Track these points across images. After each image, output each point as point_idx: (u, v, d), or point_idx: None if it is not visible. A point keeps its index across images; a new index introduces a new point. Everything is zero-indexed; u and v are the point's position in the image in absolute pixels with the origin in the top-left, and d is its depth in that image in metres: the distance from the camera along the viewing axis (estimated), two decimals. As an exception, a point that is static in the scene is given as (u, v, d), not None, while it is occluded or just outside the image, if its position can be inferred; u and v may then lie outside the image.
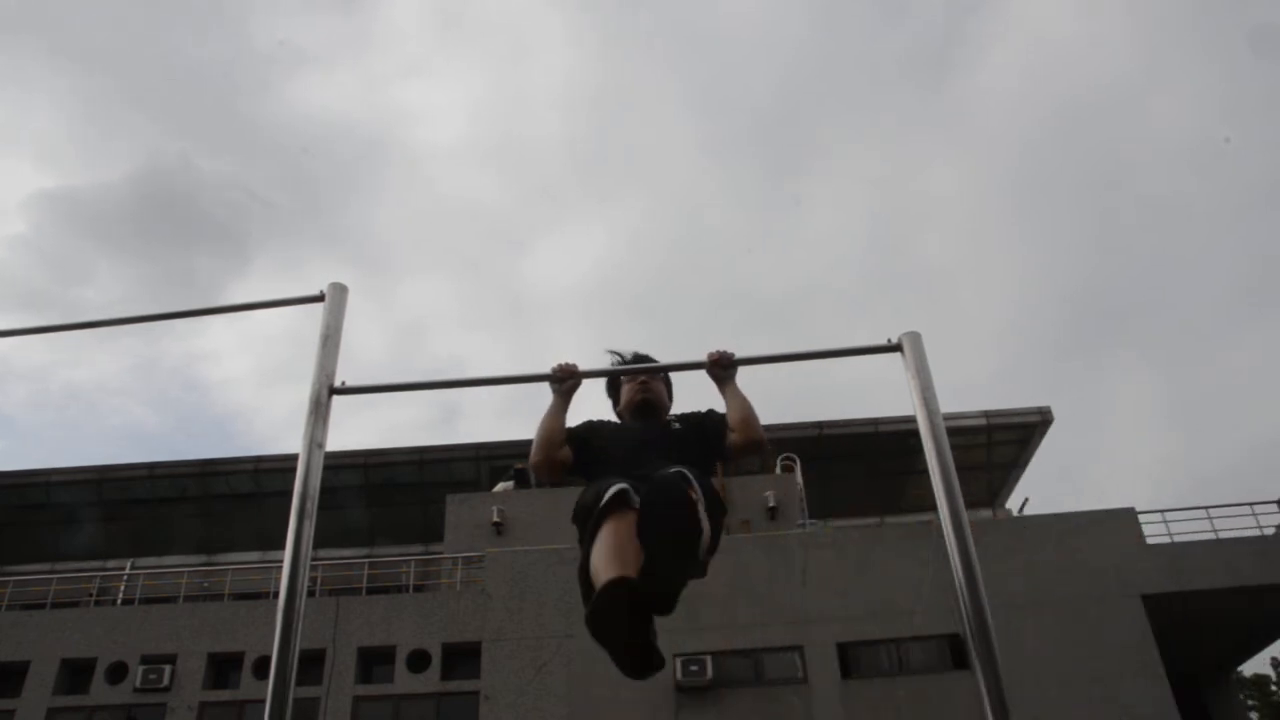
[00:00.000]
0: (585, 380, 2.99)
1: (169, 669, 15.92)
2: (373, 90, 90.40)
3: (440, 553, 18.99)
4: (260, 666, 15.62)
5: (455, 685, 15.60)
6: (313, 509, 2.52)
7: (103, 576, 20.85)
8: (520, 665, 15.55)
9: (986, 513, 24.12)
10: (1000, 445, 24.29)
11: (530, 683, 15.37)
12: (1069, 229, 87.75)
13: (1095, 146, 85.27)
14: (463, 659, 15.90)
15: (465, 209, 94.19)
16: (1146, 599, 15.32)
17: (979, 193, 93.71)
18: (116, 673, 16.17)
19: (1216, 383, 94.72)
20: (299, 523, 2.48)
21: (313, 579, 16.28)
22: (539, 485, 18.84)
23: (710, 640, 15.02)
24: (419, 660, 15.87)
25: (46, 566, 23.15)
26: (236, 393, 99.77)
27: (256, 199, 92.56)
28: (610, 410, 3.25)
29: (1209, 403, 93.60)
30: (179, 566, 21.59)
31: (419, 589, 17.85)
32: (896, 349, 2.73)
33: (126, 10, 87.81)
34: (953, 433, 2.90)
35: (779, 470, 19.95)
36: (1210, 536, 16.64)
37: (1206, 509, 17.08)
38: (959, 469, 2.49)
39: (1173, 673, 15.19)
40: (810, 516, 19.80)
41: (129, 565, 23.13)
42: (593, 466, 2.86)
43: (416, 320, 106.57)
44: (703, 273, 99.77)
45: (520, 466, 19.89)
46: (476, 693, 15.39)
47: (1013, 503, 25.54)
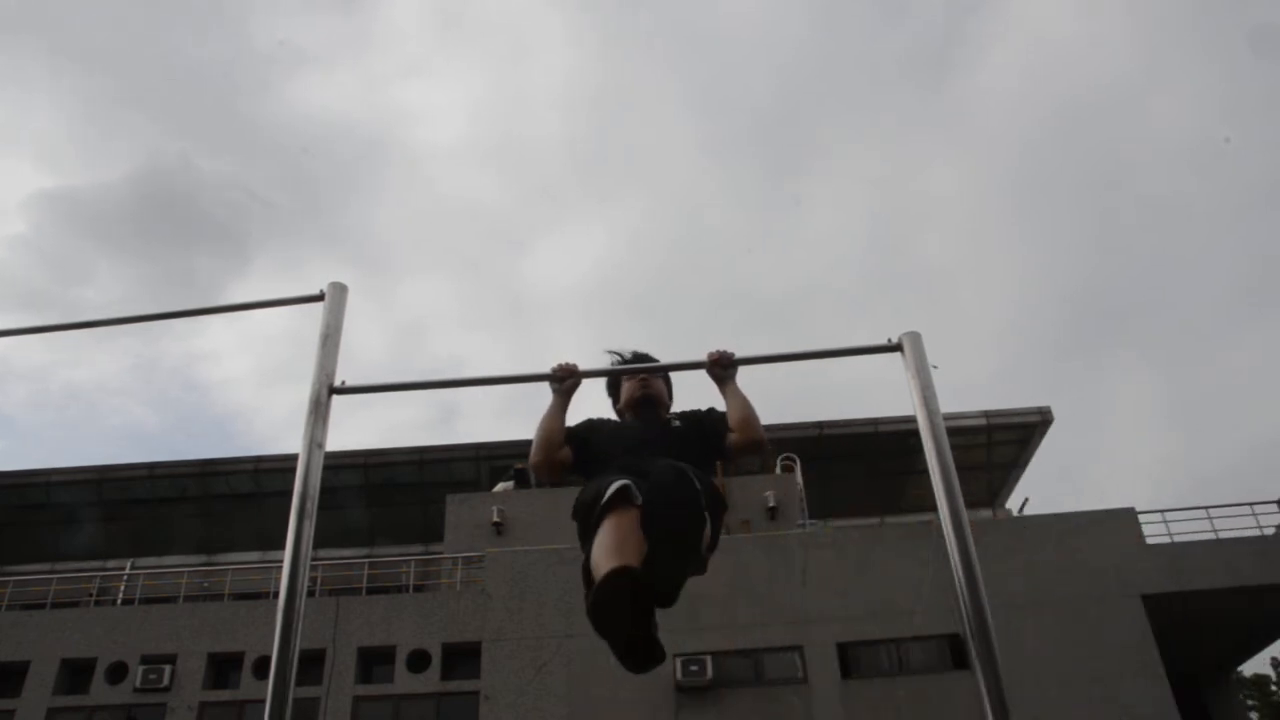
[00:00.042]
0: (585, 380, 2.99)
1: (169, 669, 15.93)
2: (373, 90, 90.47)
3: (440, 553, 18.99)
4: (260, 666, 15.62)
5: (455, 685, 15.60)
6: (313, 509, 2.52)
7: (103, 576, 20.85)
8: (520, 665, 15.55)
9: (986, 513, 24.12)
10: (1000, 445, 24.30)
11: (530, 683, 15.37)
12: (1069, 229, 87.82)
13: (1095, 146, 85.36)
14: (463, 659, 15.91)
15: (465, 209, 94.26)
16: (1146, 599, 15.33)
17: (979, 193, 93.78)
18: (116, 673, 16.18)
19: (1216, 383, 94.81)
20: (299, 523, 2.48)
21: (313, 579, 16.28)
22: (539, 485, 18.84)
23: (710, 640, 15.02)
24: (419, 660, 15.87)
25: (46, 566, 23.15)
26: (236, 393, 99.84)
27: (256, 199, 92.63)
28: (611, 409, 3.25)
29: (1209, 403, 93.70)
30: (179, 566, 21.59)
31: (419, 589, 17.85)
32: (896, 349, 2.73)
33: (126, 10, 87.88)
34: (953, 433, 2.89)
35: (779, 470, 19.95)
36: (1210, 536, 16.65)
37: (1206, 509, 17.11)
38: (959, 469, 2.49)
39: (1173, 673, 15.19)
40: (810, 516, 19.80)
41: (129, 565, 23.12)
42: (592, 465, 2.86)
43: (416, 320, 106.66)
44: (703, 273, 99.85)
45: (520, 466, 19.90)
46: (476, 693, 15.39)
47: (1013, 503, 25.55)
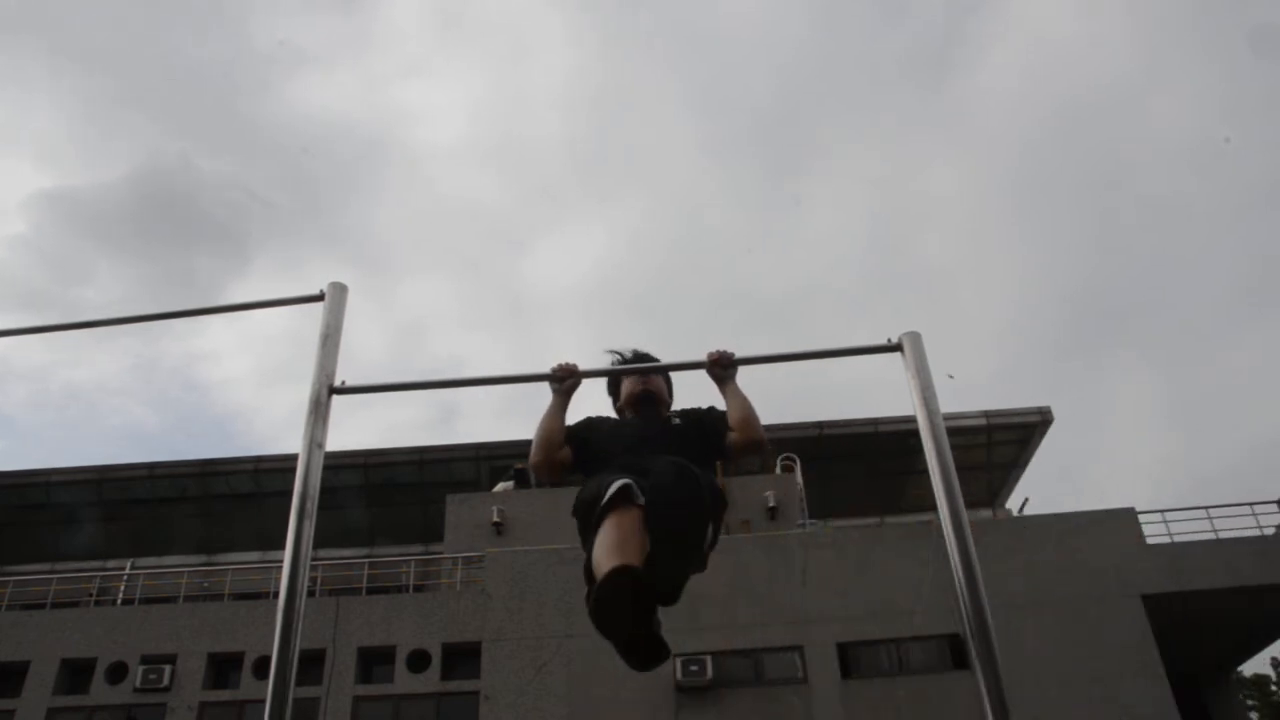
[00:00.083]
0: (585, 380, 2.99)
1: (169, 669, 15.93)
2: (373, 90, 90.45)
3: (440, 553, 18.99)
4: (260, 666, 15.62)
5: (455, 685, 15.61)
6: (313, 509, 2.52)
7: (103, 576, 20.85)
8: (520, 665, 15.55)
9: (986, 513, 24.12)
10: (1000, 445, 24.30)
11: (530, 683, 15.37)
12: (1069, 229, 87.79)
13: (1095, 146, 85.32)
14: (463, 659, 15.91)
15: (465, 209, 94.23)
16: (1146, 599, 15.33)
17: (979, 193, 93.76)
18: (116, 673, 16.18)
19: (1216, 383, 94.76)
20: (299, 523, 2.47)
21: (313, 579, 16.28)
22: (539, 485, 18.84)
23: (710, 640, 15.02)
24: (419, 660, 15.87)
25: (46, 566, 23.16)
26: (236, 393, 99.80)
27: (256, 199, 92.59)
28: (611, 408, 3.25)
29: (1209, 403, 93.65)
30: (179, 566, 21.59)
31: (419, 589, 17.85)
32: (896, 349, 2.73)
33: (126, 10, 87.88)
34: (953, 433, 2.90)
35: (779, 470, 19.95)
36: (1210, 536, 16.65)
37: (1206, 509, 17.11)
38: (959, 469, 2.49)
39: (1173, 673, 15.19)
40: (810, 516, 19.80)
41: (129, 565, 23.13)
42: (592, 464, 2.86)
43: (416, 320, 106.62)
44: (703, 273, 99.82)
45: (520, 466, 19.90)
46: (476, 693, 15.39)
47: (1013, 503, 25.56)
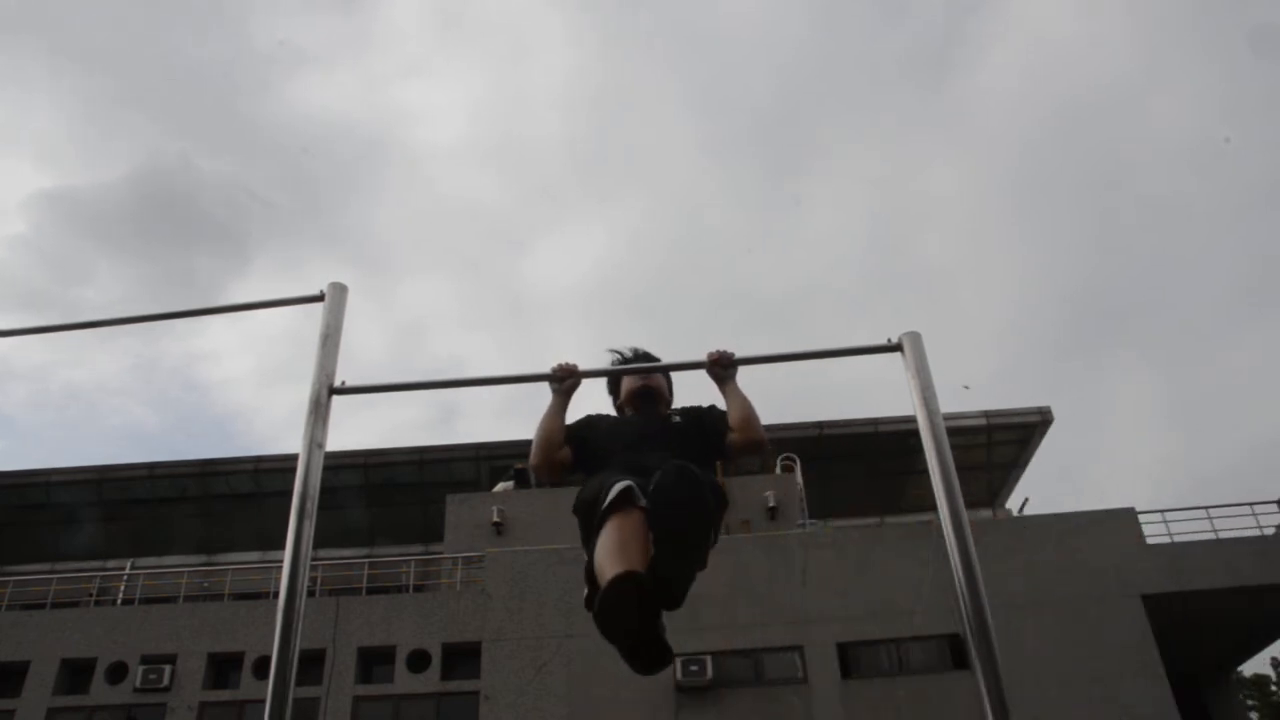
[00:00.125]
0: (585, 379, 2.99)
1: (169, 669, 15.93)
2: (373, 90, 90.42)
3: (440, 553, 18.99)
4: (260, 666, 15.62)
5: (455, 685, 15.61)
6: (313, 509, 2.52)
7: (103, 576, 20.85)
8: (520, 665, 15.55)
9: (986, 513, 24.12)
10: (1000, 445, 24.30)
11: (530, 683, 15.37)
12: (1069, 229, 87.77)
13: (1095, 146, 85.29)
14: (463, 659, 15.91)
15: (465, 209, 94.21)
16: (1146, 599, 15.33)
17: (979, 193, 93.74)
18: (116, 673, 16.18)
19: (1216, 383, 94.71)
20: (299, 523, 2.47)
21: (313, 579, 16.28)
22: (539, 485, 18.85)
23: (710, 640, 15.01)
24: (419, 660, 15.87)
25: (46, 566, 23.15)
26: (236, 393, 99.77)
27: (256, 199, 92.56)
28: (612, 407, 3.25)
29: (1209, 403, 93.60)
30: (179, 566, 21.59)
31: (419, 589, 17.85)
32: (896, 349, 2.73)
33: (126, 10, 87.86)
34: (953, 433, 2.90)
35: (779, 470, 19.95)
36: (1210, 536, 16.65)
37: (1206, 509, 17.11)
38: (959, 469, 2.49)
39: (1173, 673, 15.19)
40: (810, 516, 19.80)
41: (129, 565, 23.13)
42: (592, 462, 2.86)
43: (416, 320, 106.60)
44: (703, 273, 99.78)
45: (520, 466, 19.90)
46: (476, 693, 15.39)
47: (1013, 503, 25.56)
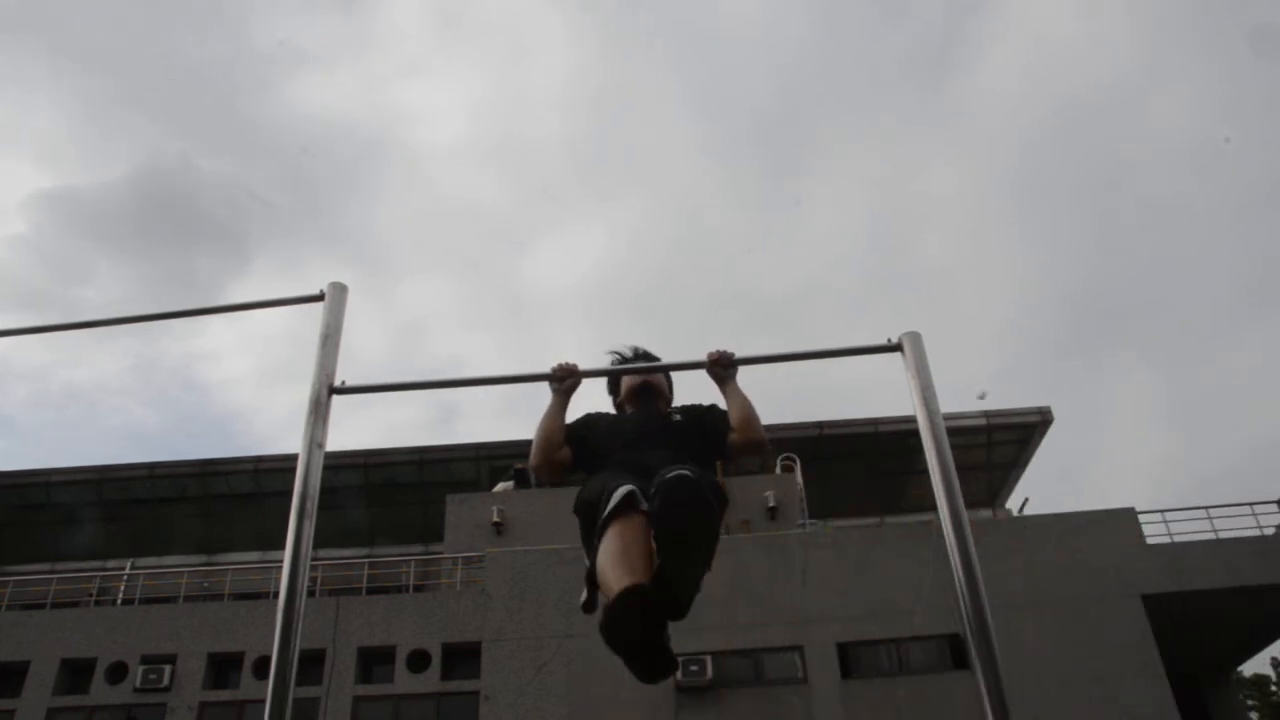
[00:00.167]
0: (585, 379, 2.99)
1: (169, 669, 15.93)
2: (373, 90, 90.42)
3: (440, 553, 18.99)
4: (260, 666, 15.62)
5: (455, 685, 15.60)
6: (313, 509, 2.52)
7: (103, 576, 20.85)
8: (520, 665, 15.55)
9: (986, 513, 24.12)
10: (1000, 445, 24.30)
11: (530, 683, 15.37)
12: (1069, 229, 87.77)
13: (1095, 146, 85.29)
14: (463, 659, 15.90)
15: (465, 209, 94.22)
16: (1146, 599, 15.33)
17: (979, 193, 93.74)
18: (116, 673, 16.18)
19: (1216, 383, 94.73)
20: (299, 523, 2.47)
21: (313, 579, 16.28)
22: (539, 485, 18.85)
23: (710, 640, 15.01)
24: (419, 660, 15.87)
25: (46, 566, 23.15)
26: (236, 393, 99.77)
27: (256, 199, 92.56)
28: (612, 406, 3.25)
29: (1209, 403, 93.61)
30: (179, 566, 21.59)
31: (419, 589, 17.85)
32: (896, 349, 2.73)
33: (126, 10, 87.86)
34: (953, 433, 2.89)
35: (779, 470, 19.95)
36: (1210, 536, 16.65)
37: (1206, 509, 17.11)
38: (959, 469, 2.49)
39: (1173, 673, 15.19)
40: (810, 516, 19.80)
41: (129, 565, 23.13)
42: (592, 461, 2.85)
43: (416, 320, 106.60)
44: (703, 273, 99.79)
45: (520, 466, 19.90)
46: (476, 693, 15.39)
47: (1013, 503, 25.55)
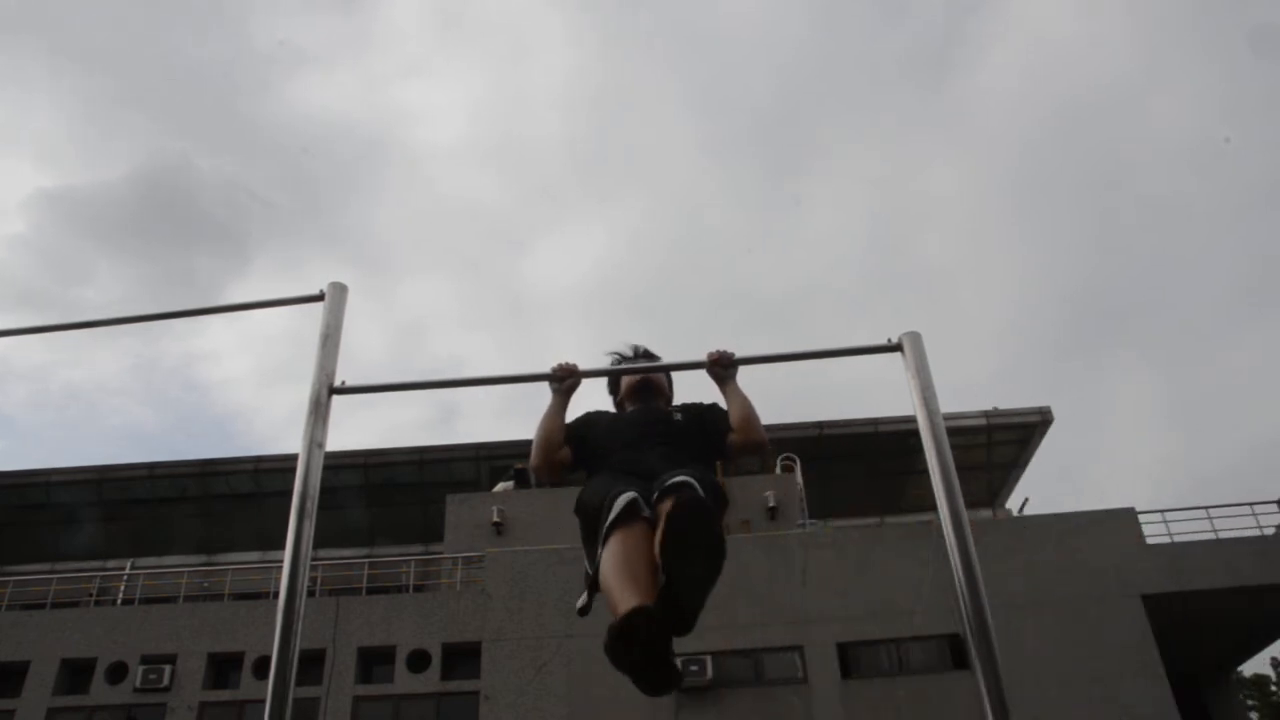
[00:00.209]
0: (585, 379, 2.99)
1: (169, 669, 15.92)
2: (373, 90, 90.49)
3: (440, 553, 18.99)
4: (260, 666, 15.61)
5: (455, 685, 15.60)
6: (313, 509, 2.52)
7: (103, 576, 20.85)
8: (520, 665, 15.55)
9: (986, 513, 24.11)
10: (1000, 445, 24.29)
11: (530, 683, 15.37)
12: (1069, 229, 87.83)
13: (1095, 146, 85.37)
14: (463, 659, 15.90)
15: (465, 209, 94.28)
16: (1146, 599, 15.33)
17: (979, 193, 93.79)
18: (116, 673, 16.17)
19: (1216, 383, 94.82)
20: (299, 523, 2.47)
21: (313, 579, 16.29)
22: (539, 485, 18.84)
23: (710, 640, 14.99)
24: (419, 660, 15.87)
25: (46, 566, 23.15)
26: (236, 393, 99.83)
27: (256, 199, 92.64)
28: (612, 406, 3.24)
29: (1209, 403, 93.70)
30: (179, 566, 21.59)
31: (419, 589, 17.85)
32: (896, 349, 2.72)
33: (126, 10, 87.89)
34: (953, 433, 2.89)
35: (779, 470, 19.94)
36: (1210, 536, 16.65)
37: (1206, 509, 17.11)
38: (959, 469, 2.48)
39: (1173, 673, 15.19)
40: (810, 516, 19.79)
41: (129, 565, 23.12)
42: (592, 461, 2.85)
43: (416, 320, 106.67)
44: (703, 273, 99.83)
45: (520, 466, 19.89)
46: (476, 693, 15.39)
47: (1013, 503, 25.55)
